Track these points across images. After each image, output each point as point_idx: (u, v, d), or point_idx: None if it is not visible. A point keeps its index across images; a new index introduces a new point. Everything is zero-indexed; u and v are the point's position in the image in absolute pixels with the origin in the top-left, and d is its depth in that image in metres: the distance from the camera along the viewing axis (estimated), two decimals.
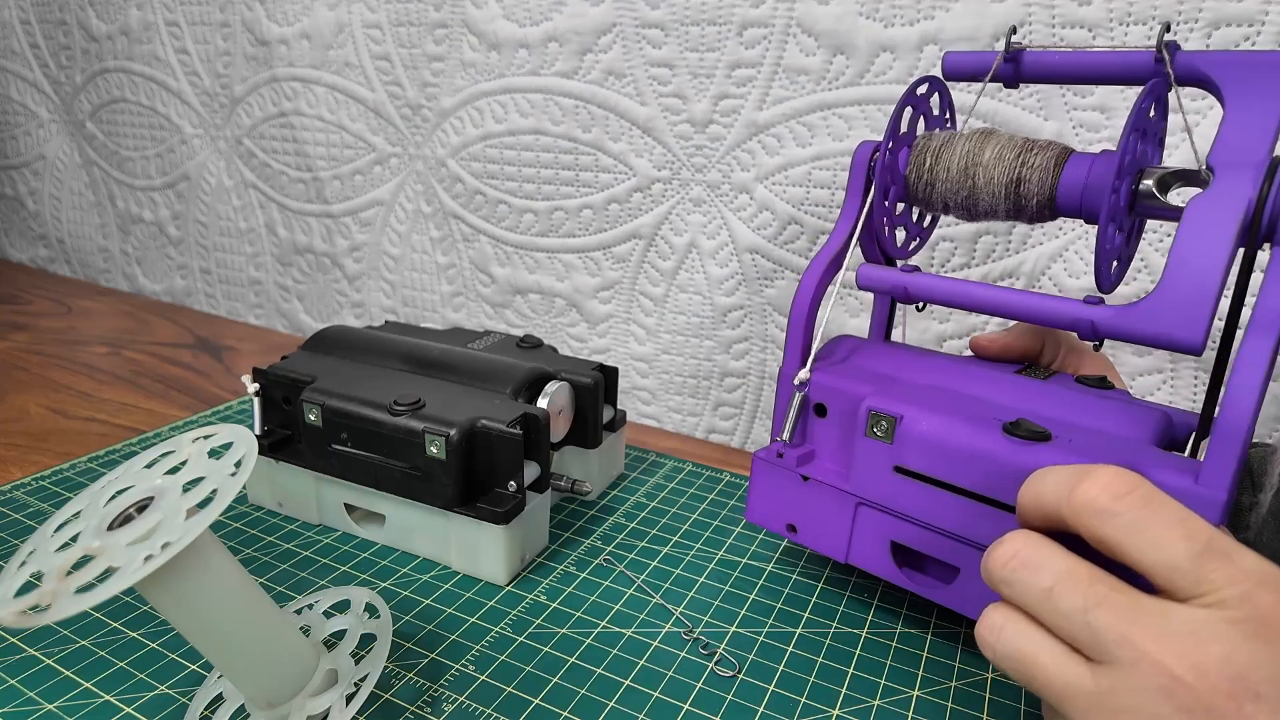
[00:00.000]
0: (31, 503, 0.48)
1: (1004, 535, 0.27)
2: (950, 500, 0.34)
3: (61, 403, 0.64)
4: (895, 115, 0.37)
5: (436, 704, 0.34)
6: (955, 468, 0.33)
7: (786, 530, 0.40)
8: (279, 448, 0.46)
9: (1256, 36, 0.42)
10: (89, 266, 1.02)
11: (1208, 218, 0.29)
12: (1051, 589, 0.24)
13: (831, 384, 0.38)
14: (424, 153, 0.70)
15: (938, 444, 0.33)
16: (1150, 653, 0.22)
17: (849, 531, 0.38)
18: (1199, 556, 0.23)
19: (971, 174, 0.35)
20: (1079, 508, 0.25)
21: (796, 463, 0.39)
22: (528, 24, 0.61)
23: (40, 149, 0.99)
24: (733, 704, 0.34)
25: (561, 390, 0.46)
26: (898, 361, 0.40)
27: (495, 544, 0.41)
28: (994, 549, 0.27)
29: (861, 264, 0.39)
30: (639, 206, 0.61)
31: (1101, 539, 0.24)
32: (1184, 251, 0.29)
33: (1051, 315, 0.33)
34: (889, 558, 0.37)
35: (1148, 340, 0.30)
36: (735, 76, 0.55)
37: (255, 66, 0.77)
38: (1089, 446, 0.31)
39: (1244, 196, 0.29)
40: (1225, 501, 0.28)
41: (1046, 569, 0.25)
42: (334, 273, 0.80)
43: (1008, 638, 0.25)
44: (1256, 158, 0.29)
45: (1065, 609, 0.24)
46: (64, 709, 0.33)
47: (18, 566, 0.27)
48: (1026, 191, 0.34)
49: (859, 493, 0.37)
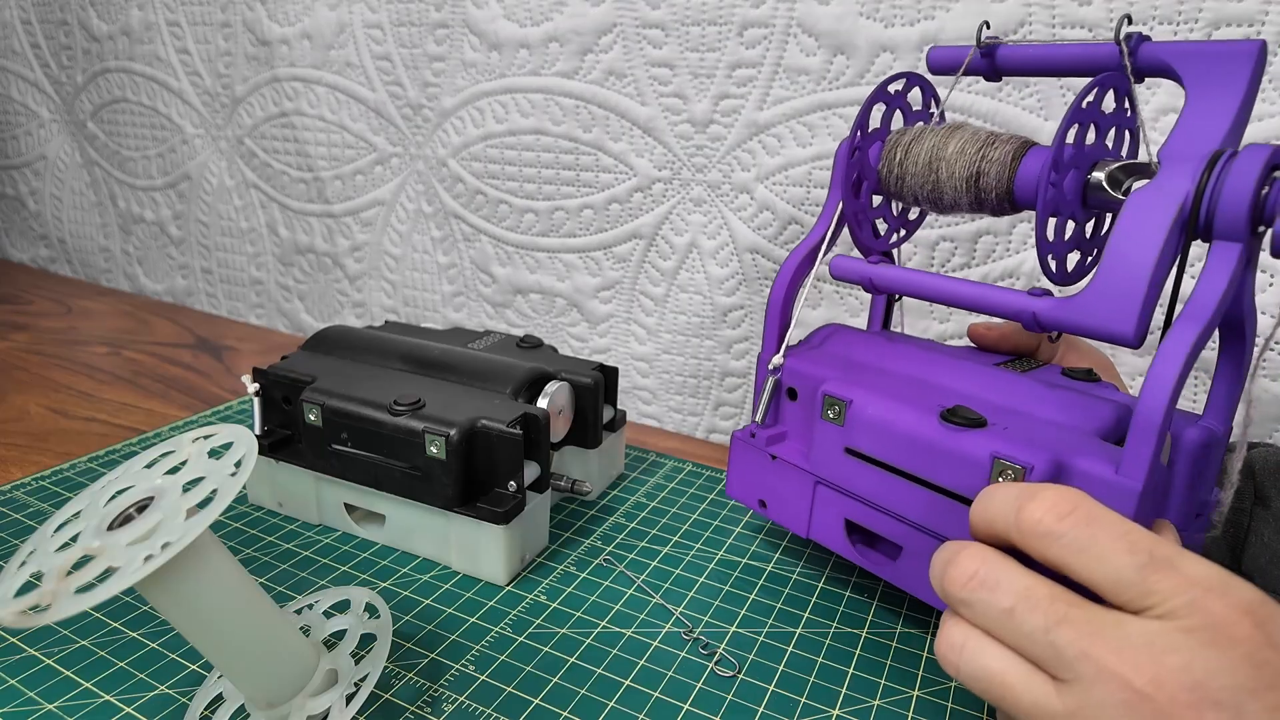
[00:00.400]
0: (31, 503, 0.48)
1: (958, 549, 0.27)
2: (894, 482, 0.35)
3: (62, 403, 0.64)
4: (863, 110, 0.38)
5: (436, 704, 0.34)
6: (897, 451, 0.34)
7: (759, 505, 0.43)
8: (279, 448, 0.46)
9: (1257, 36, 0.42)
10: (90, 266, 1.02)
11: (1145, 210, 0.29)
12: (1012, 609, 0.24)
13: (801, 369, 0.40)
14: (425, 153, 0.70)
15: (882, 427, 0.35)
16: (1111, 667, 0.22)
17: (810, 508, 0.40)
18: (1143, 569, 0.23)
19: (935, 168, 0.36)
20: (1025, 531, 0.25)
21: (766, 442, 0.41)
22: (528, 24, 0.61)
23: (41, 149, 1.00)
24: (733, 704, 0.34)
25: (561, 390, 0.46)
26: (877, 350, 0.41)
27: (495, 544, 0.41)
28: (950, 566, 0.26)
29: (835, 255, 0.40)
30: (640, 206, 0.61)
31: (1050, 560, 0.24)
32: (1120, 244, 0.29)
33: (998, 306, 0.33)
34: (844, 534, 0.39)
35: (1085, 332, 0.30)
36: (736, 76, 0.55)
37: (256, 66, 0.77)
38: (1020, 433, 0.31)
39: (1181, 190, 0.28)
40: (1140, 491, 0.28)
41: (1005, 589, 0.25)
42: (335, 272, 0.80)
43: (970, 656, 0.25)
44: (1203, 150, 0.29)
45: (1027, 629, 0.24)
46: (64, 709, 0.33)
47: (18, 566, 0.27)
48: (985, 185, 0.34)
49: (817, 472, 0.39)
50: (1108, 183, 0.31)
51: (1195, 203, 0.28)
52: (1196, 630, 0.22)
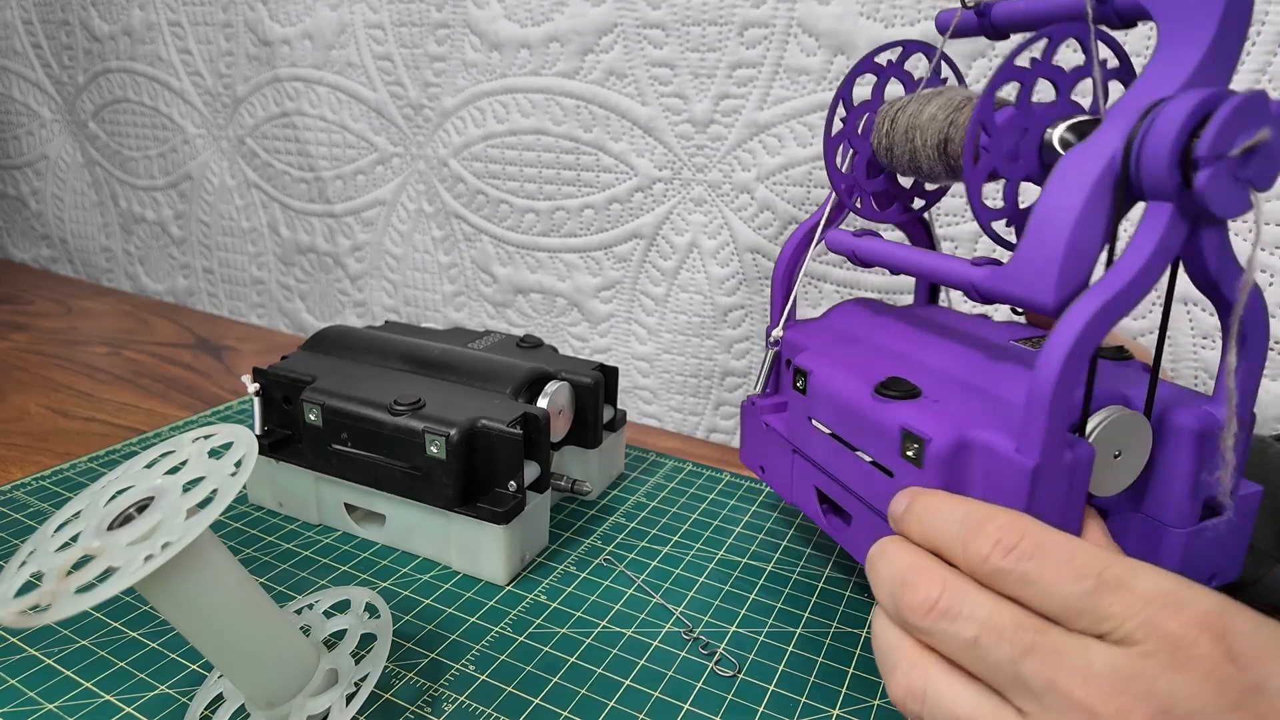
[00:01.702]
0: (31, 503, 0.48)
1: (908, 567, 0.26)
2: (841, 452, 0.35)
3: (62, 403, 0.64)
4: (846, 82, 0.37)
5: (436, 704, 0.34)
6: (841, 421, 0.35)
7: (759, 471, 0.44)
8: (279, 447, 0.46)
9: (1257, 36, 0.42)
10: (92, 266, 1.02)
11: (1072, 169, 0.27)
12: (976, 639, 0.23)
13: (794, 341, 0.41)
14: (426, 152, 0.70)
15: (829, 398, 0.35)
16: (1078, 699, 0.22)
17: (790, 475, 0.41)
18: (1091, 594, 0.22)
19: (911, 135, 0.35)
20: (974, 568, 0.25)
21: (762, 411, 0.42)
22: (529, 24, 0.61)
23: (43, 149, 1.00)
24: (733, 704, 0.34)
25: (561, 390, 0.46)
26: (881, 325, 0.40)
27: (495, 544, 0.41)
28: (906, 591, 0.25)
29: (833, 228, 0.40)
30: (640, 206, 0.61)
31: (1003, 594, 0.24)
32: (1044, 207, 0.27)
33: (944, 275, 0.32)
34: (815, 500, 0.39)
35: (1013, 300, 0.29)
36: (736, 76, 0.55)
37: (258, 66, 0.77)
38: (943, 407, 0.31)
39: (1110, 146, 0.26)
40: (1032, 468, 0.26)
41: (968, 618, 0.24)
42: (336, 272, 0.80)
43: (934, 701, 0.24)
44: (1143, 103, 0.26)
45: (993, 659, 0.23)
46: (64, 709, 0.33)
47: (18, 566, 0.27)
48: (954, 151, 0.33)
49: (792, 440, 0.39)
50: (1059, 143, 0.30)
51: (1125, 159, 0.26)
52: (1155, 654, 0.21)
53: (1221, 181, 0.25)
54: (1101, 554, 0.23)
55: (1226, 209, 0.25)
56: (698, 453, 0.59)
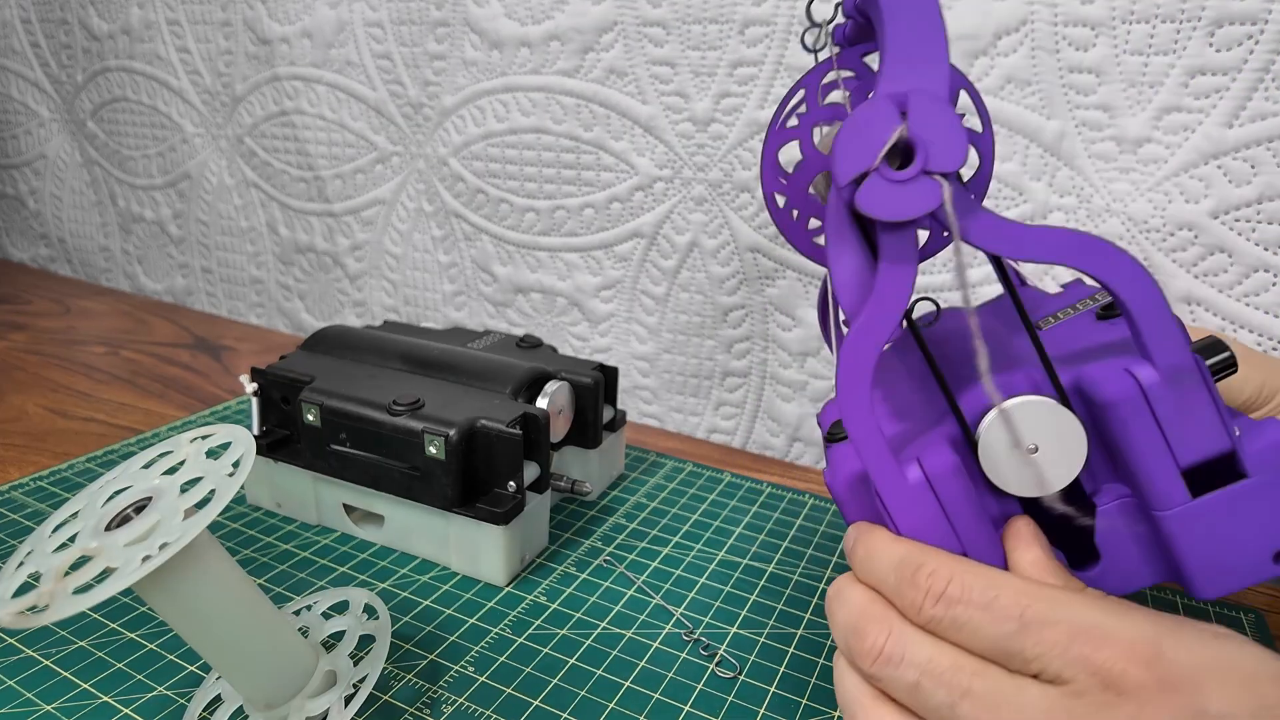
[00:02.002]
0: (29, 503, 0.48)
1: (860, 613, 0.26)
2: None
3: (60, 403, 0.64)
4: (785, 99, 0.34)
5: (436, 705, 0.34)
6: None
7: None
8: (277, 448, 0.46)
9: (1260, 35, 0.42)
10: (90, 266, 1.02)
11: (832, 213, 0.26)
12: (918, 684, 0.24)
13: None
14: (425, 151, 0.70)
15: None
16: None
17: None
18: (1016, 636, 0.22)
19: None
20: (911, 615, 0.25)
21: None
22: (529, 22, 0.61)
23: (41, 148, 0.99)
24: (733, 705, 0.34)
25: (561, 390, 0.45)
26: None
27: (495, 544, 0.41)
28: (854, 638, 0.25)
29: None
30: (641, 205, 0.61)
31: (942, 638, 0.24)
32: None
33: None
34: None
35: None
36: (737, 75, 0.55)
37: (257, 65, 0.77)
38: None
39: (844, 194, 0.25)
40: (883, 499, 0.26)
41: (909, 663, 0.24)
42: (335, 271, 0.80)
43: None
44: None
45: (934, 704, 0.23)
46: (62, 710, 0.33)
47: (15, 567, 0.27)
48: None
49: None
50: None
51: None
52: (1085, 692, 0.21)
53: (878, 191, 0.23)
54: (1027, 590, 0.23)
55: (911, 209, 0.23)
56: (698, 453, 0.59)
